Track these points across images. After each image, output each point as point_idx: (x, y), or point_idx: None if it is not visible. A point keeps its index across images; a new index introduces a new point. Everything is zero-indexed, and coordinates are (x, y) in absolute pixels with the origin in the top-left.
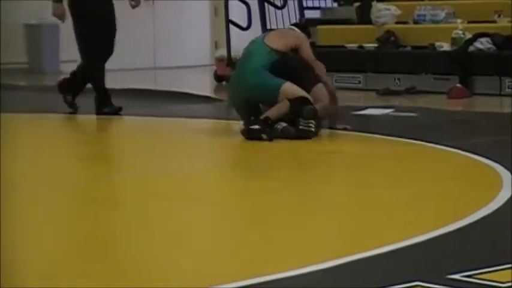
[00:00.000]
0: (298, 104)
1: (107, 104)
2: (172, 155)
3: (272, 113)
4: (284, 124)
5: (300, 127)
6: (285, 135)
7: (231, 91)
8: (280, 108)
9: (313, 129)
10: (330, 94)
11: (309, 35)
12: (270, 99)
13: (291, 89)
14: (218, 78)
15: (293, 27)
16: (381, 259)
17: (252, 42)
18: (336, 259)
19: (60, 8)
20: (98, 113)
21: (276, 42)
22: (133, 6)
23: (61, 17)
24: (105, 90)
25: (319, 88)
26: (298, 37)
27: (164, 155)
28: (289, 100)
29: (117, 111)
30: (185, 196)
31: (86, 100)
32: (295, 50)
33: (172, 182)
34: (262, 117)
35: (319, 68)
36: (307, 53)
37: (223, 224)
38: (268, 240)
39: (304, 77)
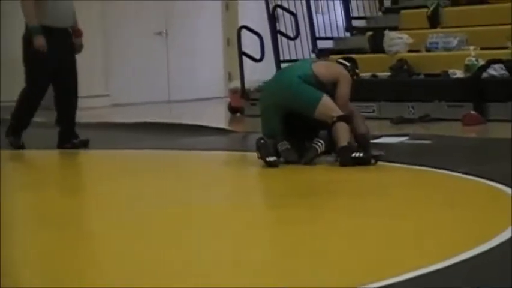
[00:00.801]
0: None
1: (14, 135)
2: (188, 187)
3: (344, 138)
4: (287, 145)
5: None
6: (286, 159)
7: (265, 96)
8: (347, 132)
9: (318, 148)
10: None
11: (356, 66)
12: (305, 109)
13: (329, 104)
14: (232, 110)
15: (341, 60)
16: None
17: (299, 61)
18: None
19: (42, 40)
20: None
21: (320, 69)
22: (77, 51)
23: (43, 48)
24: (20, 123)
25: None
26: (341, 73)
27: (181, 187)
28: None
29: (85, 144)
30: (204, 227)
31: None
32: (335, 84)
33: (191, 214)
34: (341, 146)
35: (347, 109)
36: (344, 92)
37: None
38: (290, 270)
39: None
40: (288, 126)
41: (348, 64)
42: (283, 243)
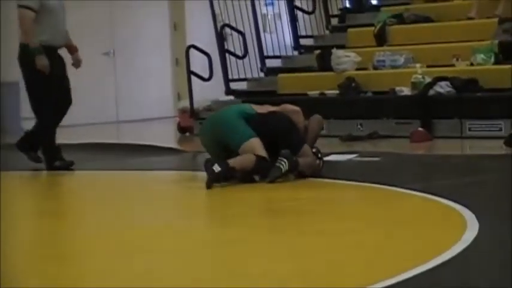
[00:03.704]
0: (263, 163)
1: (57, 158)
2: (139, 208)
3: (237, 163)
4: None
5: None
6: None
7: (203, 132)
8: (247, 162)
9: (281, 167)
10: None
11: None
12: (237, 145)
13: (255, 145)
14: (182, 129)
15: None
16: None
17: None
18: None
19: (44, 59)
20: (48, 168)
21: (257, 107)
22: (76, 67)
23: (46, 68)
24: (53, 147)
25: (307, 146)
26: (279, 106)
27: (131, 208)
28: (256, 157)
29: (68, 166)
30: (157, 248)
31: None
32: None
33: (142, 235)
34: (229, 165)
35: (296, 116)
36: (287, 107)
37: (196, 274)
38: None
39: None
40: None
41: None
42: (226, 262)
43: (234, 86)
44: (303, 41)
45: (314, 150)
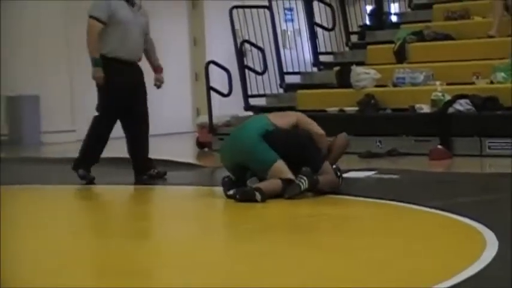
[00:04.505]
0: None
1: (85, 167)
2: (155, 223)
3: (265, 186)
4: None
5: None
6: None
7: (223, 152)
8: (274, 187)
9: (301, 185)
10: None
11: None
12: (260, 170)
13: (281, 168)
14: (200, 144)
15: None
16: None
17: (254, 116)
18: None
19: (100, 72)
20: (73, 167)
21: (277, 120)
22: (158, 86)
23: (100, 80)
24: (92, 156)
25: (327, 163)
26: (296, 114)
27: (148, 222)
28: (283, 181)
29: (90, 180)
30: (180, 263)
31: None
32: (296, 127)
33: (164, 249)
34: (254, 186)
35: (320, 140)
36: (307, 124)
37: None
38: None
39: (303, 152)
40: None
41: None
42: (247, 277)
43: (253, 101)
44: (322, 58)
45: (334, 167)
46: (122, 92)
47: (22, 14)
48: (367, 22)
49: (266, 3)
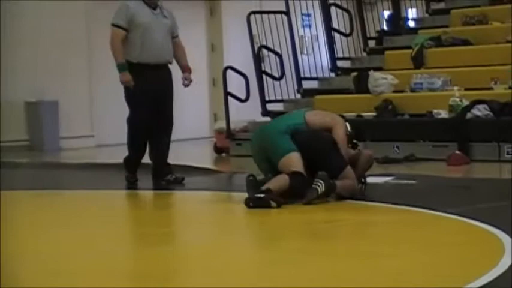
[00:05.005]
0: (297, 179)
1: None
2: (174, 228)
3: (273, 185)
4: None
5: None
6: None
7: (252, 143)
8: (281, 183)
9: (318, 189)
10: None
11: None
12: (275, 156)
13: (294, 159)
14: (218, 150)
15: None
16: None
17: (293, 111)
18: None
19: (126, 76)
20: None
21: (312, 117)
22: (186, 85)
23: (128, 83)
24: (132, 161)
25: (348, 168)
26: (334, 118)
27: (167, 227)
28: (289, 175)
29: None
30: (193, 268)
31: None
32: (329, 130)
33: (178, 254)
34: (263, 188)
35: (346, 153)
36: (339, 137)
37: None
38: None
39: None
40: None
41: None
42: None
43: (270, 107)
44: (340, 63)
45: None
46: (146, 97)
47: (41, 19)
48: (385, 27)
49: (284, 9)
